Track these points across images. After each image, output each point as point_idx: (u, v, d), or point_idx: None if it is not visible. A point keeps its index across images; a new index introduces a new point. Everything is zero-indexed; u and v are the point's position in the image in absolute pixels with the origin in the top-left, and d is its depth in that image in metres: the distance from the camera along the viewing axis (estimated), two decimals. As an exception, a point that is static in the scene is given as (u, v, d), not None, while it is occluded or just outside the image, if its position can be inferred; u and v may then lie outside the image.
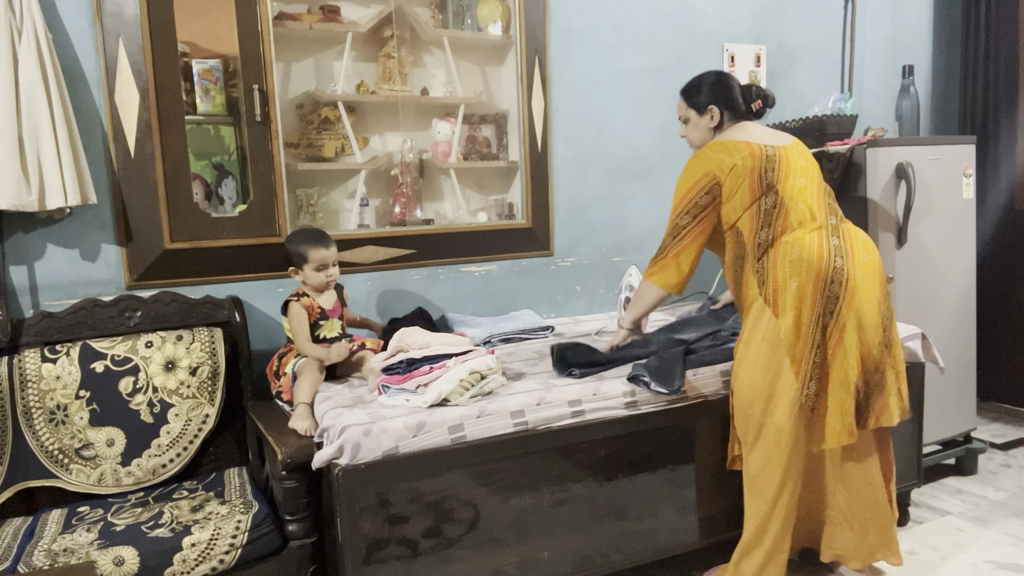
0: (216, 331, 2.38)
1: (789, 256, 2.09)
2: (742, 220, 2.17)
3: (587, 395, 2.09)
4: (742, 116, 2.31)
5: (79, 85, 2.28)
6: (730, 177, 2.15)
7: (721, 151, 2.20)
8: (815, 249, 2.09)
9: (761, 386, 2.10)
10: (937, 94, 4.02)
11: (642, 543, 2.20)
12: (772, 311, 2.09)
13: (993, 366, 3.70)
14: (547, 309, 3.13)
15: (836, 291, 2.07)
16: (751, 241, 2.16)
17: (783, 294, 2.08)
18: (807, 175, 2.21)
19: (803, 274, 2.07)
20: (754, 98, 2.30)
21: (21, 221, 2.24)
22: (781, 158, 2.18)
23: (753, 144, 2.19)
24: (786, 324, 2.06)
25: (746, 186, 2.14)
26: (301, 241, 2.30)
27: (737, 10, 3.40)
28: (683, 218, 2.22)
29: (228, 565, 1.89)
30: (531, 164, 3.00)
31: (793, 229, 2.12)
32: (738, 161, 2.15)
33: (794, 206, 2.14)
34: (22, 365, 2.14)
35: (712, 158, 2.20)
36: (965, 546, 2.59)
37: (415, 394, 2.00)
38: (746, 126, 2.29)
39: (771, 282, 2.10)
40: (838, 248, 2.11)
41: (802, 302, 2.06)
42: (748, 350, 2.14)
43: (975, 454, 3.19)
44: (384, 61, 2.81)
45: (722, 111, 2.29)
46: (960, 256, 3.12)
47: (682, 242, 2.23)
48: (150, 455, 2.23)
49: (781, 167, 2.17)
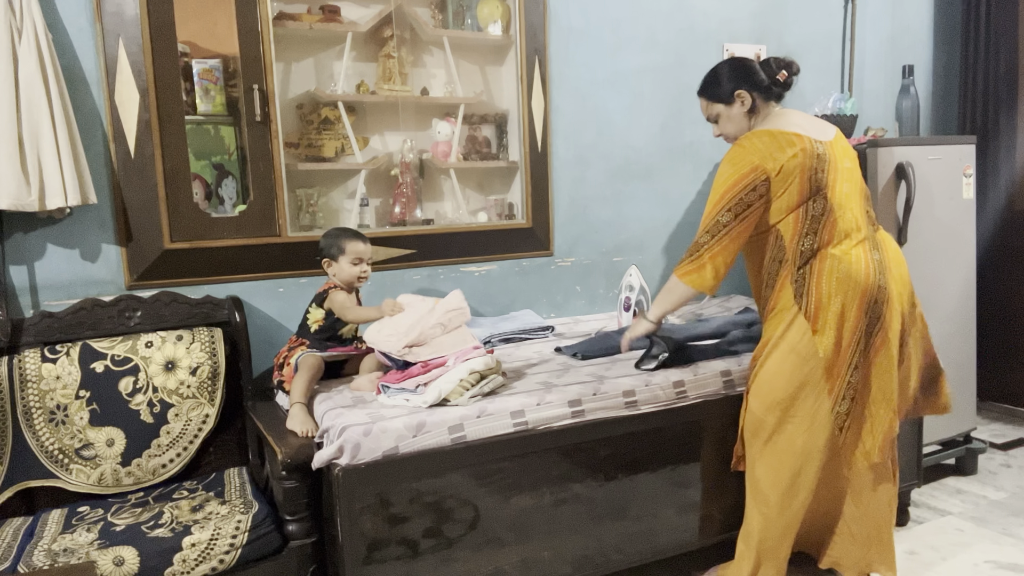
0: (216, 331, 2.38)
1: (836, 273, 1.98)
2: (785, 222, 2.03)
3: (587, 395, 2.09)
4: (773, 95, 2.14)
5: (79, 85, 2.28)
6: (780, 175, 1.99)
7: (771, 142, 2.01)
8: (862, 267, 1.99)
9: (781, 396, 2.05)
10: (937, 94, 4.02)
11: (642, 543, 2.20)
12: (811, 326, 2.00)
13: (993, 366, 3.70)
14: (547, 309, 3.13)
15: (879, 311, 2.01)
16: (793, 247, 2.03)
17: (825, 312, 1.99)
18: (852, 180, 2.08)
19: (849, 294, 1.98)
20: (776, 69, 2.12)
21: (21, 221, 2.24)
22: (830, 158, 2.04)
23: (805, 138, 2.02)
24: (826, 343, 1.98)
25: (795, 186, 1.99)
26: (339, 235, 2.31)
27: (737, 10, 3.40)
28: (725, 215, 2.02)
29: (228, 565, 1.88)
30: (531, 164, 3.00)
31: (840, 241, 2.01)
32: (789, 157, 1.98)
33: (842, 215, 2.02)
34: (22, 365, 2.14)
35: (762, 150, 2.01)
36: (965, 546, 2.60)
37: (415, 394, 2.00)
38: (788, 113, 2.13)
39: (813, 296, 2.00)
40: (880, 264, 2.03)
41: (844, 322, 1.98)
42: (773, 357, 2.07)
43: (975, 454, 3.19)
44: (384, 61, 2.81)
45: (751, 93, 2.11)
46: (960, 256, 3.12)
47: (721, 242, 2.03)
48: (150, 455, 2.23)
49: (830, 169, 2.03)
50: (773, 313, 2.11)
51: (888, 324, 2.03)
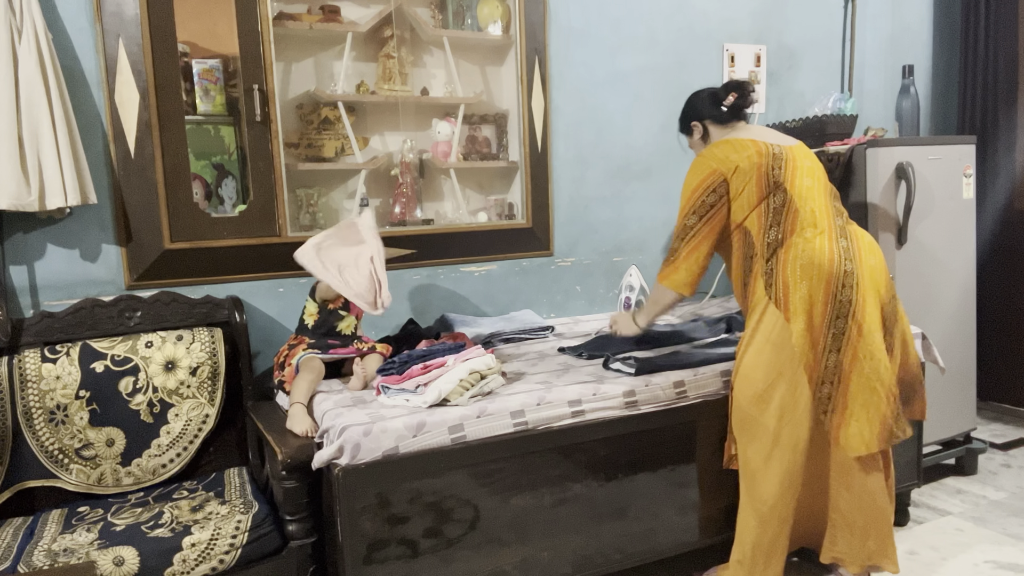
0: (216, 331, 2.38)
1: (800, 260, 2.08)
2: (750, 219, 2.16)
3: (587, 395, 2.09)
4: (727, 117, 2.31)
5: (79, 85, 2.28)
6: (736, 174, 2.15)
7: (726, 148, 2.19)
8: (825, 253, 2.07)
9: (761, 387, 2.09)
10: (937, 94, 4.02)
11: (642, 543, 2.20)
12: (784, 314, 2.07)
13: (993, 366, 3.70)
14: (547, 309, 3.13)
15: (848, 295, 2.05)
16: (760, 240, 2.15)
17: (792, 297, 2.06)
18: (813, 176, 2.20)
19: (813, 279, 2.06)
20: (724, 95, 2.31)
21: (21, 221, 2.24)
22: (788, 157, 2.18)
23: (759, 142, 2.18)
24: (798, 328, 2.05)
25: (753, 183, 2.14)
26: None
27: (737, 10, 3.40)
28: (691, 218, 2.20)
29: (228, 565, 1.88)
30: (531, 164, 3.01)
31: (803, 230, 2.11)
32: (744, 158, 2.15)
33: (803, 205, 2.13)
34: (22, 365, 2.14)
35: (717, 155, 2.19)
36: (965, 546, 2.59)
37: (415, 394, 2.00)
38: (748, 128, 2.30)
39: (780, 284, 2.09)
40: (847, 251, 2.10)
41: (812, 307, 2.05)
42: (750, 350, 2.13)
43: (975, 454, 3.19)
44: (384, 61, 2.81)
45: (702, 121, 2.34)
46: (960, 256, 3.12)
47: (691, 243, 2.21)
48: (150, 455, 2.23)
49: (788, 165, 2.16)
50: (750, 307, 2.20)
51: (860, 308, 2.06)
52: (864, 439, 2.06)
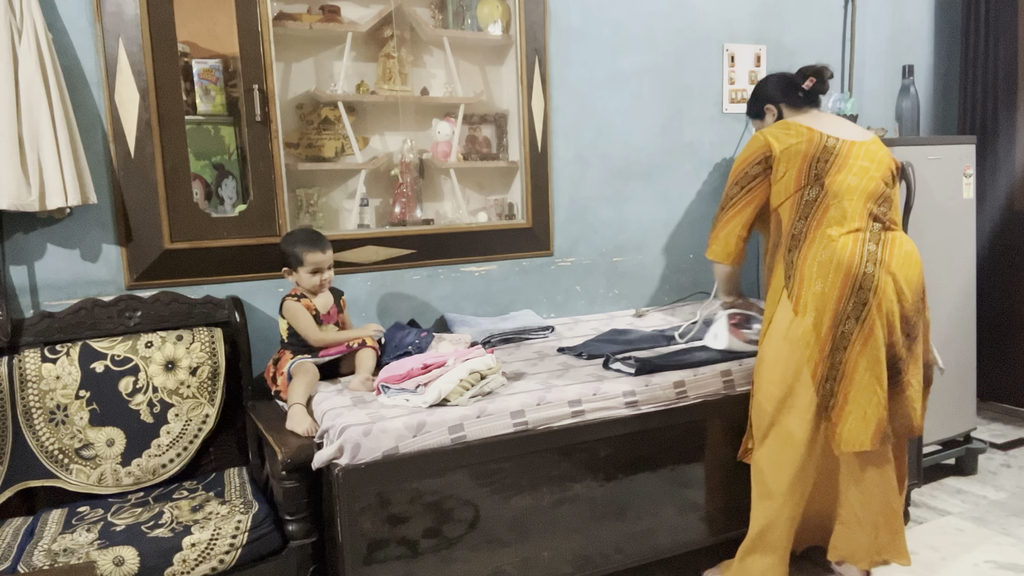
0: (216, 331, 2.38)
1: (820, 256, 2.08)
2: (784, 206, 2.17)
3: (587, 395, 2.09)
4: (801, 102, 2.32)
5: (79, 85, 2.28)
6: (784, 154, 2.14)
7: (781, 128, 2.21)
8: (847, 252, 2.06)
9: (779, 385, 2.10)
10: (937, 94, 4.02)
11: (642, 543, 2.20)
12: (793, 307, 2.09)
13: (993, 366, 3.70)
14: (547, 309, 3.13)
15: (864, 298, 2.04)
16: (787, 230, 2.16)
17: (806, 293, 2.07)
18: (864, 175, 2.15)
19: (830, 277, 2.05)
20: (803, 78, 2.32)
21: (21, 221, 2.24)
22: (840, 152, 2.14)
23: (815, 130, 2.17)
24: (806, 324, 2.06)
25: (795, 170, 2.14)
26: (297, 242, 2.30)
27: (737, 10, 3.40)
28: (733, 188, 2.23)
29: (228, 565, 1.89)
30: (531, 164, 3.00)
31: (828, 227, 2.10)
32: (795, 141, 2.14)
33: (836, 203, 2.11)
34: (22, 365, 2.14)
35: (772, 132, 2.21)
36: (965, 546, 2.60)
37: (415, 394, 2.00)
38: (819, 114, 2.30)
39: (797, 277, 2.10)
40: (873, 254, 2.07)
41: (825, 304, 2.05)
42: (769, 346, 2.15)
43: (975, 454, 3.19)
44: (384, 61, 2.81)
45: (777, 105, 2.35)
46: (960, 256, 3.12)
47: (728, 212, 2.24)
48: (150, 455, 2.23)
49: (836, 160, 2.13)
50: (769, 293, 2.22)
51: (873, 312, 2.05)
52: (858, 437, 2.07)
